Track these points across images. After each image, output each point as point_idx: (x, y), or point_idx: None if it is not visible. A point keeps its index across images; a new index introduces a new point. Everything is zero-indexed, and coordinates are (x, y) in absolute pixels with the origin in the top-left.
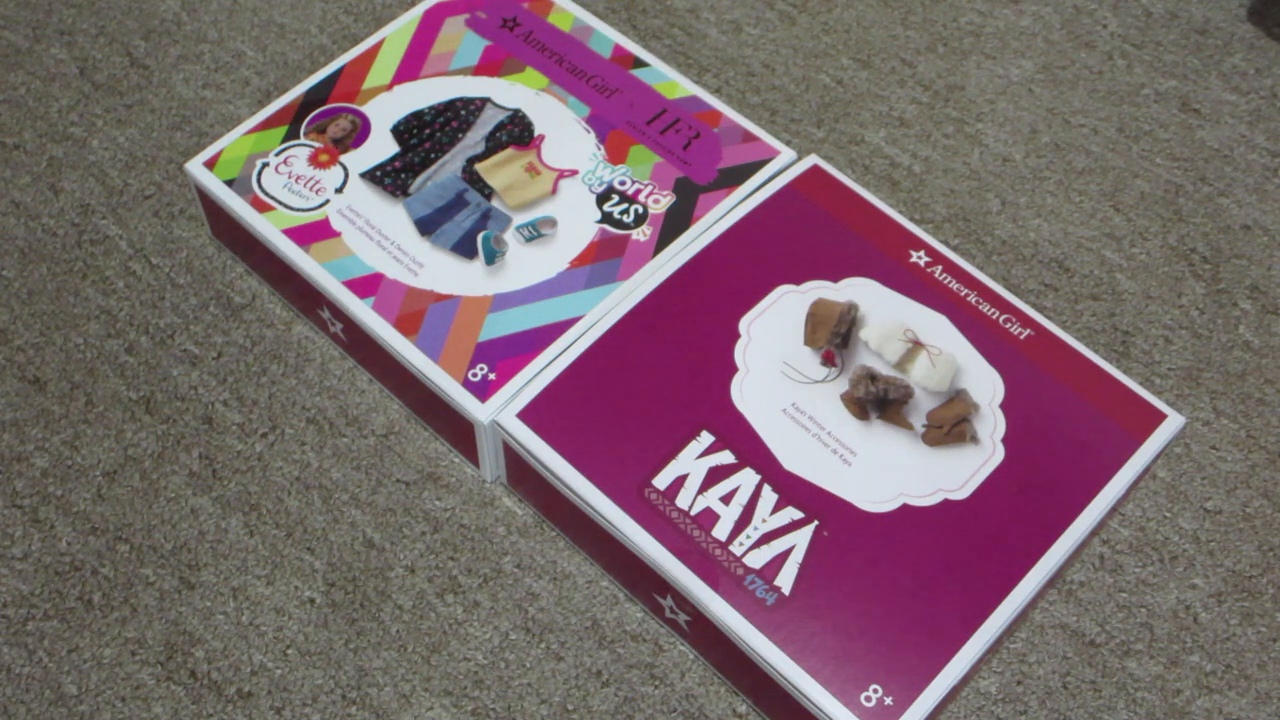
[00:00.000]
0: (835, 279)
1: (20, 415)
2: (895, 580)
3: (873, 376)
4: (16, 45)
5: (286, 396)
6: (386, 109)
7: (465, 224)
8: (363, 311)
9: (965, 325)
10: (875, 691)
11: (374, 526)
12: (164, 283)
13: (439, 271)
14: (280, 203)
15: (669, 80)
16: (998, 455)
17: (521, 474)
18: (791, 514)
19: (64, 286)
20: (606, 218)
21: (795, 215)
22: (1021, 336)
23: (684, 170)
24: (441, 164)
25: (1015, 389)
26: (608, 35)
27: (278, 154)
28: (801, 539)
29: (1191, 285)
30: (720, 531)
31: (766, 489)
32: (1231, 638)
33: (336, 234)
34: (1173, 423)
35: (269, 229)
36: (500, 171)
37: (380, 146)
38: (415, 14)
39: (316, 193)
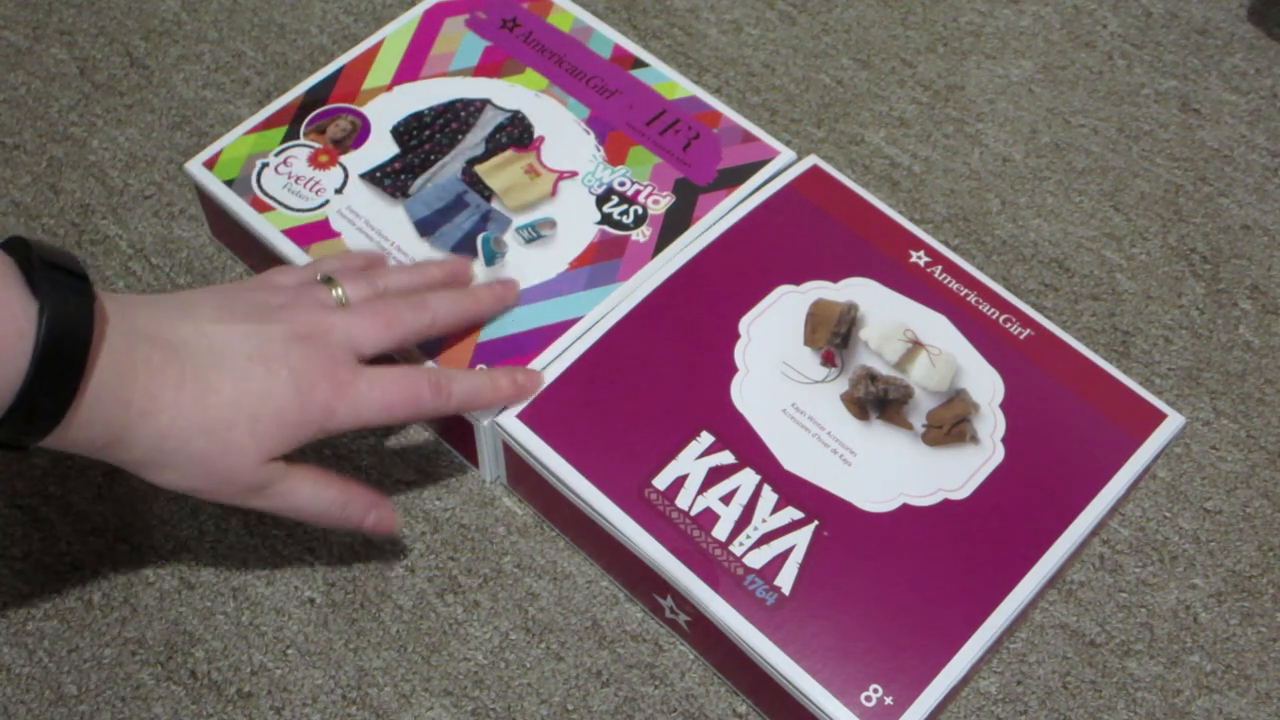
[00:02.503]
0: (835, 279)
1: None
2: (895, 580)
3: (873, 376)
4: (16, 45)
5: None
6: (386, 109)
7: (465, 225)
8: None
9: (965, 325)
10: (875, 691)
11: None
12: (164, 283)
13: None
14: (280, 203)
15: (669, 80)
16: (998, 455)
17: (521, 474)
18: (791, 514)
19: None
20: (606, 219)
21: (795, 215)
22: (1021, 336)
23: (683, 171)
24: (441, 165)
25: (1015, 389)
26: (607, 35)
27: (277, 154)
28: (801, 539)
29: (1191, 285)
30: (720, 531)
31: (766, 489)
32: (1231, 638)
33: (336, 234)
34: (1173, 423)
35: (269, 229)
36: (500, 173)
37: (380, 147)
38: (415, 14)
39: (316, 193)
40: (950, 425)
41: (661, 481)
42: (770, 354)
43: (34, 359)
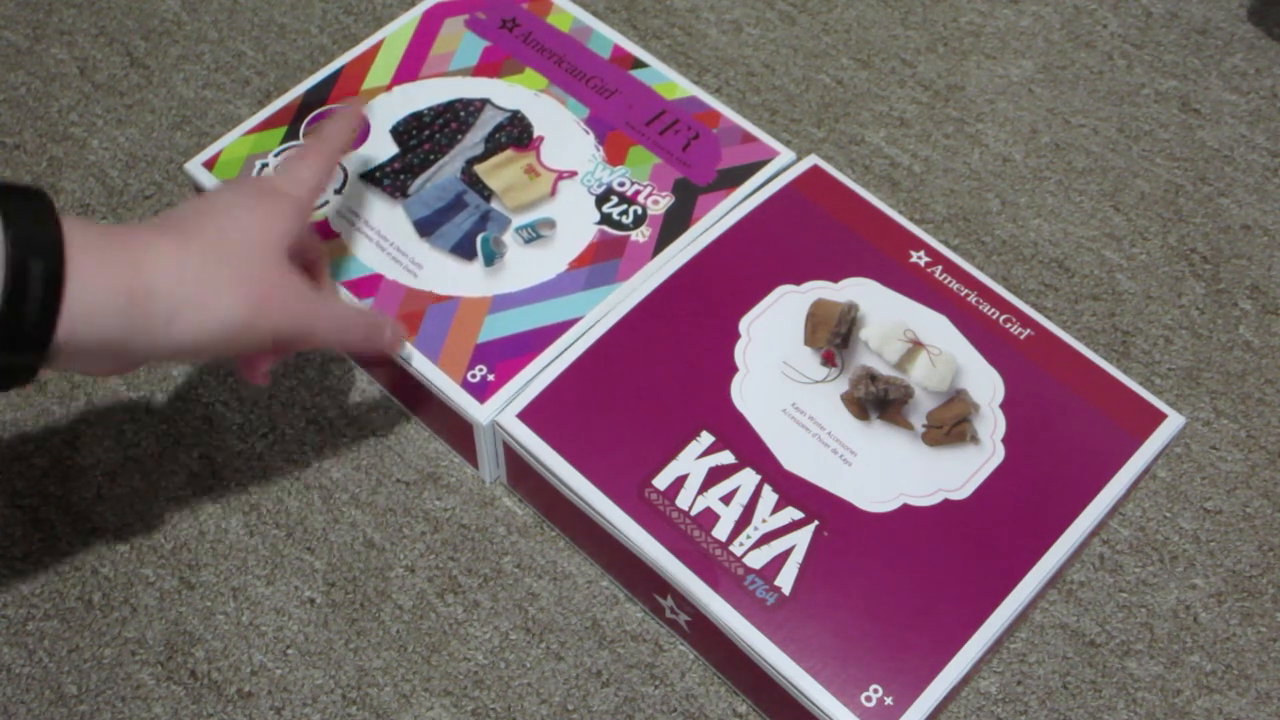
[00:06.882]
0: (835, 279)
1: (20, 415)
2: (895, 580)
3: (873, 376)
4: (16, 45)
5: (286, 396)
6: (386, 110)
7: (464, 225)
8: None
9: (965, 325)
10: (875, 691)
11: (374, 526)
12: None
13: (438, 273)
14: None
15: (668, 81)
16: (998, 455)
17: (521, 474)
18: (791, 514)
19: None
20: (605, 219)
21: (795, 215)
22: (1021, 336)
23: (683, 171)
24: (440, 165)
25: (1015, 389)
26: (607, 35)
27: (277, 154)
28: (801, 539)
29: (1191, 285)
30: (720, 531)
31: (766, 489)
32: (1231, 638)
33: (335, 234)
34: (1173, 423)
35: None
36: (499, 173)
37: (379, 147)
38: (415, 14)
39: None
40: (950, 425)
41: (661, 481)
42: (770, 354)
43: (5, 260)
